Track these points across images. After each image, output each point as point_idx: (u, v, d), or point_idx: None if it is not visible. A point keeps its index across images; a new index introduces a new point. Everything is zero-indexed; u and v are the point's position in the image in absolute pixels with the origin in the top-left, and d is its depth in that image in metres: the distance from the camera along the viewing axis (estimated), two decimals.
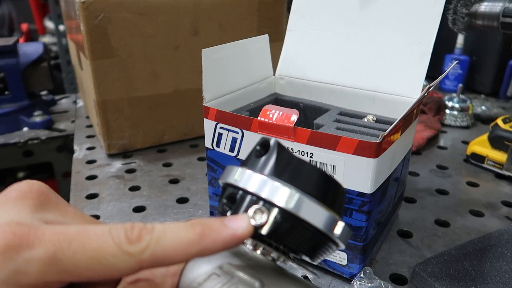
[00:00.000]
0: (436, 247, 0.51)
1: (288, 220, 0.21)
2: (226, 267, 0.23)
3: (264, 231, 0.21)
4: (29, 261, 0.18)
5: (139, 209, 0.60)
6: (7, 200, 0.21)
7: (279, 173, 0.22)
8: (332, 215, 0.22)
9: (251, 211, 0.22)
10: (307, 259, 0.24)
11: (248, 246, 0.24)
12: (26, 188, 0.22)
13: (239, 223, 0.21)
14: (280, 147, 0.23)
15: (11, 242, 0.18)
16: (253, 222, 0.21)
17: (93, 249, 0.19)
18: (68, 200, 0.63)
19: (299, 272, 0.47)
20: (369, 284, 0.42)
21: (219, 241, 0.21)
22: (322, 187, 0.22)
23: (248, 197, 0.22)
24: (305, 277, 0.46)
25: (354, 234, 0.42)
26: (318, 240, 0.22)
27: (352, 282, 0.43)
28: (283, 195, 0.21)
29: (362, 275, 0.43)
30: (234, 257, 0.24)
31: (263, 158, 0.23)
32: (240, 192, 0.23)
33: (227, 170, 0.24)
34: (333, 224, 0.22)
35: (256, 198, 0.22)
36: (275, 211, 0.21)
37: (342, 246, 0.24)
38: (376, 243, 0.48)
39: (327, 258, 0.45)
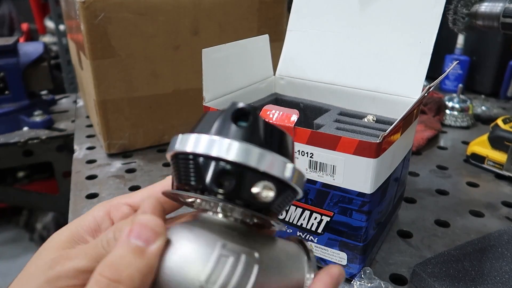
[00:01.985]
0: (436, 247, 0.51)
1: (237, 173, 0.21)
2: (230, 246, 0.21)
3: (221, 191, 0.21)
4: None
5: None
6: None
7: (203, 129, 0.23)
8: (280, 158, 0.22)
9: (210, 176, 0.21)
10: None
11: (209, 213, 0.24)
12: None
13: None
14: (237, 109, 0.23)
15: None
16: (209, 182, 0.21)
17: None
18: (68, 199, 0.63)
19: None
20: (369, 284, 0.42)
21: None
22: (263, 134, 0.22)
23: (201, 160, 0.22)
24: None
25: (354, 234, 0.42)
26: (285, 193, 0.22)
27: (352, 282, 0.43)
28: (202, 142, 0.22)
29: (362, 275, 0.43)
30: (219, 230, 0.22)
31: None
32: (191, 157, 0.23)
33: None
34: (282, 167, 0.22)
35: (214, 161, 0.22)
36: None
37: (299, 192, 0.23)
38: (376, 243, 0.48)
39: (327, 258, 0.45)
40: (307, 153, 0.42)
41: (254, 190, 0.21)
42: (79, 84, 1.03)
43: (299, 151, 0.42)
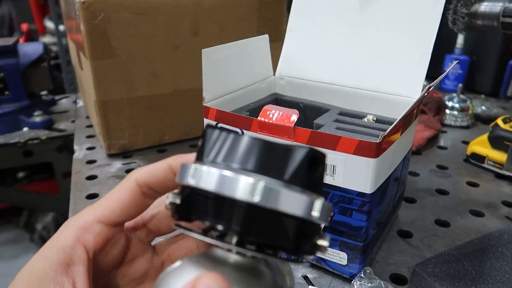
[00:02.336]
0: (436, 247, 0.51)
1: (255, 213, 0.19)
2: None
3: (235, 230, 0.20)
4: None
5: None
6: None
7: (207, 156, 0.21)
8: (305, 196, 0.20)
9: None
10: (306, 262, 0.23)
11: (223, 251, 0.22)
12: None
13: None
14: (209, 129, 0.22)
15: None
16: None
17: None
18: (68, 200, 0.63)
19: (299, 272, 0.47)
20: (369, 284, 0.42)
21: None
22: (284, 163, 0.20)
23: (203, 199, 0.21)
24: (305, 277, 0.46)
25: (354, 234, 0.42)
26: (301, 229, 0.20)
27: (352, 282, 0.43)
28: (244, 187, 0.19)
29: (362, 275, 0.43)
30: (232, 274, 0.21)
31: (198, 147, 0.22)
32: (198, 195, 0.21)
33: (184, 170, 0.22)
34: (310, 205, 0.20)
35: (216, 199, 0.20)
36: (240, 207, 0.20)
37: (326, 224, 0.21)
38: (376, 243, 0.48)
39: (327, 258, 0.45)
40: None
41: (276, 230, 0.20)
42: (79, 85, 1.03)
43: None
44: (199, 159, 0.22)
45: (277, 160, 0.21)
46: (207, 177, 0.20)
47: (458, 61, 1.07)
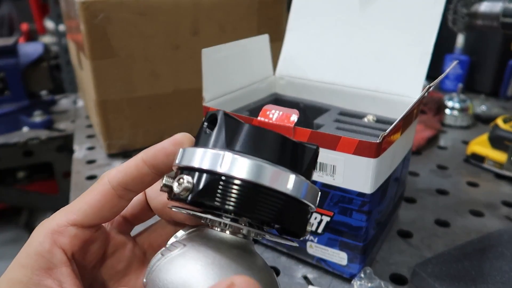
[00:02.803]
0: (436, 247, 0.51)
1: (249, 190, 0.21)
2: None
3: (230, 205, 0.21)
4: None
5: None
6: None
7: (231, 144, 0.22)
8: (290, 174, 0.22)
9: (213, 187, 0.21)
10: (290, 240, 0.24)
11: (216, 228, 0.24)
12: None
13: None
14: (227, 117, 0.23)
15: None
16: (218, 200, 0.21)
17: None
18: (68, 200, 0.63)
19: (299, 272, 0.47)
20: (369, 284, 0.42)
21: None
22: (277, 148, 0.23)
23: (205, 175, 0.22)
24: (305, 277, 0.46)
25: (354, 234, 0.42)
26: (283, 204, 0.22)
27: (352, 282, 0.43)
28: (241, 166, 0.21)
29: (362, 275, 0.43)
30: (226, 250, 0.23)
31: (214, 133, 0.23)
32: (197, 173, 0.22)
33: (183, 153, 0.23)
34: (297, 185, 0.22)
35: (216, 175, 0.21)
36: (236, 184, 0.21)
37: (312, 207, 0.23)
38: (376, 243, 0.48)
39: (327, 259, 0.45)
40: None
41: (256, 203, 0.21)
42: (79, 84, 1.03)
43: None
44: (215, 146, 0.23)
45: (292, 155, 0.23)
46: (240, 166, 0.21)
47: (458, 61, 1.07)
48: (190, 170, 0.22)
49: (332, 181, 0.41)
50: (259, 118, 0.43)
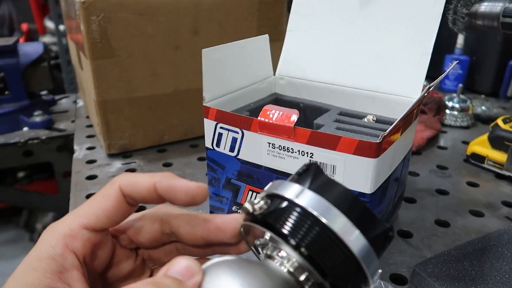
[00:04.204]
0: (436, 247, 0.51)
1: (338, 246, 0.21)
2: None
3: (305, 249, 0.21)
4: None
5: (139, 209, 0.59)
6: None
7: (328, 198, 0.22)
8: (374, 255, 0.22)
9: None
10: None
11: (276, 262, 0.23)
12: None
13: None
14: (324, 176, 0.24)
15: None
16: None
17: None
18: (68, 200, 0.63)
19: None
20: None
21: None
22: (376, 233, 0.23)
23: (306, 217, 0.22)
24: None
25: None
26: (352, 273, 0.22)
27: None
28: (341, 224, 0.21)
29: None
30: (274, 282, 0.22)
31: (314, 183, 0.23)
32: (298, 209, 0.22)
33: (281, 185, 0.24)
34: (373, 263, 0.22)
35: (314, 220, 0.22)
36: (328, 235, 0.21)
37: (371, 284, 0.23)
38: None
39: None
40: (307, 153, 0.42)
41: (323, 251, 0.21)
42: (79, 84, 1.03)
43: (299, 151, 0.42)
44: (300, 183, 0.23)
45: (367, 221, 0.23)
46: (313, 201, 0.22)
47: (458, 61, 1.07)
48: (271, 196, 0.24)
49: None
50: (259, 118, 0.43)
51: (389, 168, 0.44)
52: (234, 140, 0.46)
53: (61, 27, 1.58)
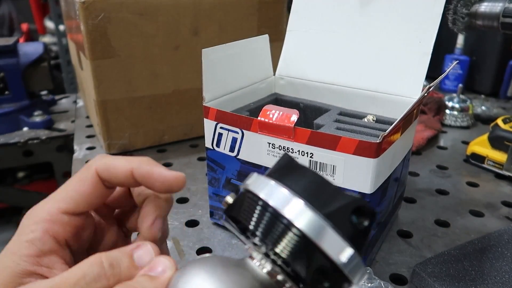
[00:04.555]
0: (436, 247, 0.51)
1: (305, 244, 0.20)
2: None
3: (279, 249, 0.21)
4: None
5: None
6: None
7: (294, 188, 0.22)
8: (349, 248, 0.21)
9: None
10: None
11: (256, 262, 0.23)
12: None
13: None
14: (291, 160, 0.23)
15: None
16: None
17: None
18: None
19: None
20: (369, 284, 0.42)
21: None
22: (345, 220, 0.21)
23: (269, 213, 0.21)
24: None
25: None
26: (325, 270, 0.21)
27: None
28: (306, 219, 0.20)
29: None
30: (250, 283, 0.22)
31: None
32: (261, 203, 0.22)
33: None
34: (340, 249, 0.21)
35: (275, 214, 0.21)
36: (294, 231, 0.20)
37: (353, 282, 0.21)
38: (376, 243, 0.48)
39: None
40: (307, 153, 0.42)
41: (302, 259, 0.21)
42: (79, 84, 1.03)
43: (299, 151, 0.42)
44: (268, 174, 0.23)
45: (327, 197, 0.22)
46: (266, 187, 0.21)
47: (458, 61, 1.07)
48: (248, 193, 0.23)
49: (332, 181, 0.41)
50: (259, 118, 0.43)
51: (389, 168, 0.44)
52: (234, 140, 0.46)
53: (61, 27, 1.58)
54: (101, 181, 0.26)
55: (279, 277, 0.22)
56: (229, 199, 0.24)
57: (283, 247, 0.21)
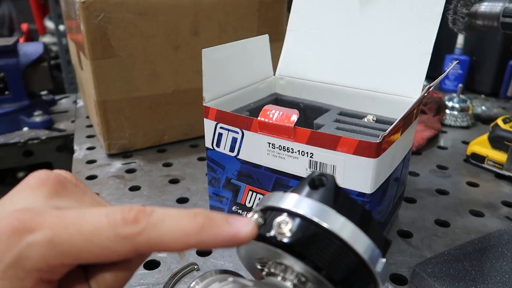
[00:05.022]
0: (436, 247, 0.51)
1: (334, 243, 0.21)
2: None
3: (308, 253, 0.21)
4: (31, 245, 0.18)
5: None
6: (26, 187, 0.22)
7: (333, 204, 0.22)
8: (377, 249, 0.22)
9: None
10: None
11: (279, 278, 0.23)
12: (44, 176, 0.22)
13: (243, 224, 0.21)
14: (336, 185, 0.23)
15: (15, 227, 0.19)
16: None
17: (89, 232, 0.19)
18: None
19: None
20: None
21: (219, 237, 0.20)
22: (369, 224, 0.22)
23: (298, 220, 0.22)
24: None
25: None
26: (356, 270, 0.21)
27: None
28: (341, 225, 0.21)
29: None
30: None
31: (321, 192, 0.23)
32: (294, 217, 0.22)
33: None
34: (376, 258, 0.22)
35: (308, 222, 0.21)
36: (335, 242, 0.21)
37: (380, 285, 0.22)
38: None
39: None
40: (307, 153, 0.42)
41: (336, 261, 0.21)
42: (79, 84, 1.03)
43: (299, 151, 0.42)
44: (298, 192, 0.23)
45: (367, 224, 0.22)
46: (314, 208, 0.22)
47: (458, 61, 1.07)
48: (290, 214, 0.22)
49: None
50: (259, 118, 0.43)
51: (389, 168, 0.44)
52: (234, 140, 0.46)
53: (61, 27, 1.58)
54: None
55: (288, 282, 0.22)
56: (260, 220, 0.22)
57: (324, 258, 0.21)
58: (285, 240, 0.21)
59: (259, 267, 0.25)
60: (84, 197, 0.23)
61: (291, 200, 0.22)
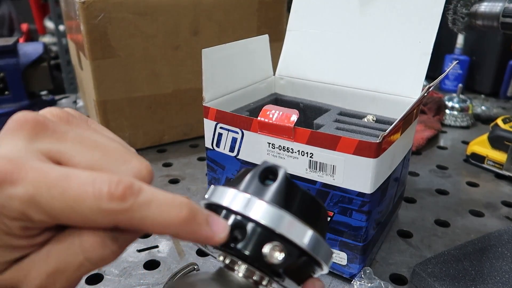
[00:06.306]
0: (436, 247, 0.51)
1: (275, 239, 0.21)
2: None
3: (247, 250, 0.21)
4: (11, 197, 0.18)
5: None
6: (6, 132, 0.21)
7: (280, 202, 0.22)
8: (313, 233, 0.22)
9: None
10: (292, 285, 0.24)
11: (239, 271, 0.23)
12: (21, 119, 0.21)
13: (220, 228, 0.21)
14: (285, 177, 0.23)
15: None
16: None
17: (72, 198, 0.18)
18: None
19: None
20: (369, 284, 0.42)
21: (196, 234, 0.21)
22: (303, 206, 0.23)
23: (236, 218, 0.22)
24: None
25: (354, 234, 0.42)
26: (300, 260, 0.22)
27: (352, 282, 0.43)
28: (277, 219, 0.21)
29: (362, 275, 0.43)
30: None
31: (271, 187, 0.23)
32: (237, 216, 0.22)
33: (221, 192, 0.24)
34: (316, 243, 0.22)
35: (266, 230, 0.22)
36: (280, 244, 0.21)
37: (325, 267, 0.23)
38: (376, 243, 0.48)
39: None
40: (307, 153, 0.42)
41: (264, 249, 0.21)
42: (79, 85, 1.03)
43: (299, 151, 0.42)
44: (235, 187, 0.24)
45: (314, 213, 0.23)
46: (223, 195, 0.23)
47: (458, 61, 1.07)
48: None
49: (332, 181, 0.41)
50: (259, 118, 0.43)
51: (389, 168, 0.44)
52: (234, 140, 0.46)
53: (61, 27, 1.58)
54: None
55: (255, 277, 0.23)
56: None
57: (251, 246, 0.21)
58: (246, 253, 0.22)
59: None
60: (67, 135, 0.22)
61: (241, 201, 0.22)
